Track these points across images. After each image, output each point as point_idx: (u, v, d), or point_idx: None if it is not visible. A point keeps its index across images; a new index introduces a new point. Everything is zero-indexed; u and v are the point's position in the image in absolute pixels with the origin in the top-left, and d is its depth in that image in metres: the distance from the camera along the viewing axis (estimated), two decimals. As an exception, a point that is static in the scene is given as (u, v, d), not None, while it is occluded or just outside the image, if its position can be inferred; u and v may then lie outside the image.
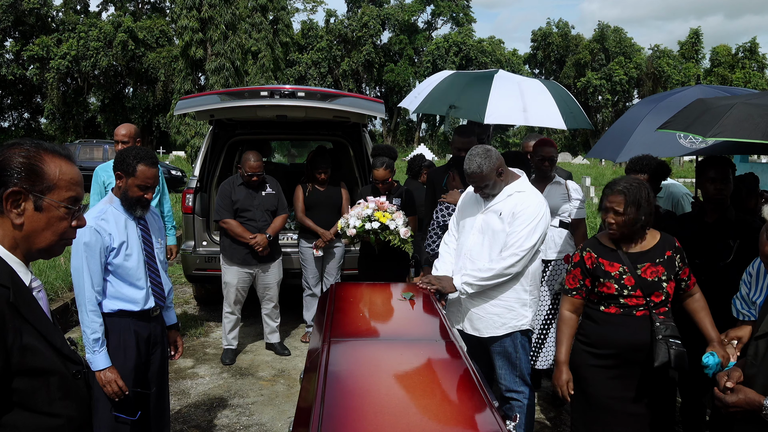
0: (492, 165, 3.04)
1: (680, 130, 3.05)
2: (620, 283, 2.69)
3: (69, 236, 1.51)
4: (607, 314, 2.73)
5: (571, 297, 2.84)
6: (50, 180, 1.44)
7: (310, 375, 2.35)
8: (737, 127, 2.69)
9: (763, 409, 1.87)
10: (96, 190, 4.71)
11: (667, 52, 51.33)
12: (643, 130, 3.88)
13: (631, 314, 2.69)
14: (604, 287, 2.71)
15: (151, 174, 2.81)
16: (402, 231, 4.42)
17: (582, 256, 2.80)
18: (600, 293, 2.74)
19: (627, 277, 2.69)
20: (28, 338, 1.33)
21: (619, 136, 4.10)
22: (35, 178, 1.42)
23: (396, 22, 48.80)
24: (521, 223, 3.05)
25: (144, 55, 39.95)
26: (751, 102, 2.85)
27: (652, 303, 2.68)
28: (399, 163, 7.13)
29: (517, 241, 3.04)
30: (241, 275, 5.03)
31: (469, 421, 1.95)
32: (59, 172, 1.45)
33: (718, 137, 2.75)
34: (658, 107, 3.98)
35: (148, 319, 2.89)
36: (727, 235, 3.25)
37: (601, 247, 2.78)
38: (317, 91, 5.38)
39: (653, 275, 2.69)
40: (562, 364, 2.79)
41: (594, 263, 2.75)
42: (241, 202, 4.97)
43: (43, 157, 1.44)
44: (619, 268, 2.70)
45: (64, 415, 1.40)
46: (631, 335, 2.68)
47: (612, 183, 2.77)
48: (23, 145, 1.44)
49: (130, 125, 4.82)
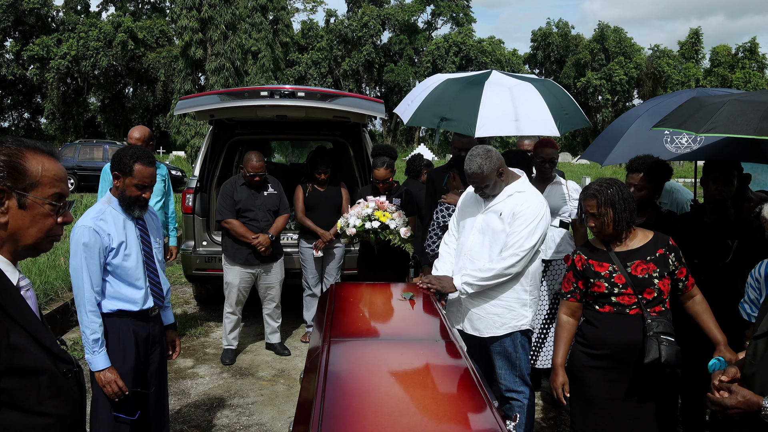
0: (493, 165, 3.05)
1: (674, 127, 3.06)
2: (610, 281, 2.72)
3: (56, 233, 1.51)
4: (601, 314, 2.75)
5: (566, 300, 2.88)
6: (33, 177, 1.43)
7: (310, 375, 2.35)
8: (729, 123, 2.70)
9: (762, 409, 1.87)
10: (105, 188, 4.69)
11: (667, 52, 51.34)
12: (632, 133, 3.89)
13: (624, 313, 2.70)
14: (595, 287, 2.75)
15: (148, 173, 2.80)
16: (402, 231, 4.42)
17: (573, 259, 2.86)
18: (593, 293, 2.77)
19: (617, 275, 2.71)
20: (15, 338, 1.33)
21: (609, 139, 4.12)
22: (17, 175, 1.41)
23: (396, 22, 48.80)
24: (521, 224, 3.05)
25: (144, 55, 39.97)
26: (743, 99, 2.87)
27: (644, 300, 2.69)
28: (399, 163, 7.15)
29: (517, 242, 3.04)
30: (243, 275, 5.03)
31: (469, 420, 1.95)
32: (42, 169, 1.45)
33: (711, 133, 2.77)
34: (651, 110, 3.99)
35: (146, 319, 2.89)
36: (726, 235, 3.25)
37: (590, 249, 2.83)
38: (317, 91, 5.38)
39: (644, 272, 2.70)
40: (558, 366, 2.81)
41: (584, 264, 2.79)
42: (243, 202, 4.97)
43: (24, 155, 1.43)
44: (608, 268, 2.73)
45: (55, 414, 1.40)
46: (624, 334, 2.68)
47: (585, 188, 2.84)
48: (4, 143, 1.43)
49: (144, 128, 4.83)
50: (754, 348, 2.00)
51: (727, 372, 2.05)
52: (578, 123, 4.38)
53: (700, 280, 3.02)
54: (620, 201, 2.70)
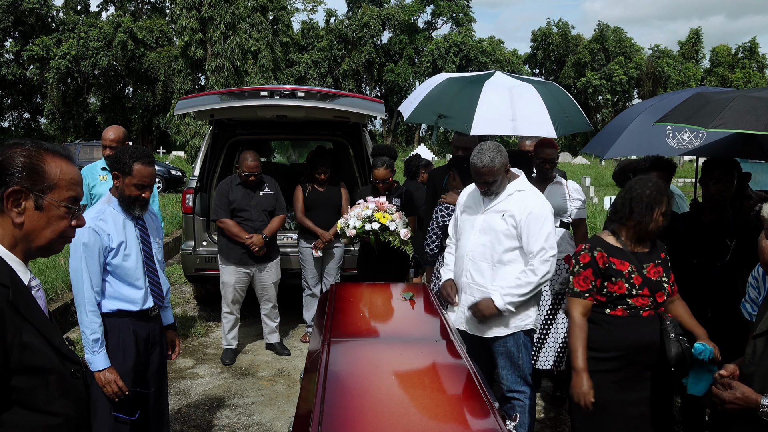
0: (504, 159, 3.06)
1: (679, 122, 3.05)
2: (630, 282, 2.68)
3: (68, 235, 1.53)
4: (613, 317, 2.70)
5: (583, 299, 2.73)
6: (51, 179, 1.45)
7: (310, 375, 2.35)
8: (739, 119, 2.69)
9: (760, 407, 1.87)
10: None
11: (667, 52, 51.29)
12: (635, 127, 3.87)
13: (638, 315, 2.69)
14: (615, 286, 2.68)
15: (148, 173, 2.81)
16: (402, 232, 4.41)
17: (593, 255, 2.72)
18: (610, 294, 2.70)
19: (635, 276, 2.68)
20: (27, 336, 1.34)
21: (611, 133, 4.10)
22: (36, 177, 1.43)
23: (396, 22, 48.75)
24: (536, 226, 3.04)
25: (144, 55, 39.93)
26: (751, 95, 2.85)
27: (655, 303, 2.70)
28: (398, 164, 7.12)
29: (543, 246, 3.03)
30: (238, 275, 5.03)
31: (469, 421, 1.95)
32: (60, 172, 1.47)
33: (720, 128, 2.74)
34: (654, 106, 3.98)
35: (146, 319, 2.89)
36: (725, 235, 3.25)
37: (609, 246, 2.75)
38: (317, 91, 5.38)
39: (656, 275, 2.71)
40: (582, 371, 2.66)
41: (606, 262, 2.71)
42: (238, 201, 4.97)
43: (44, 157, 1.45)
44: (628, 267, 2.69)
45: (63, 413, 1.41)
46: (639, 336, 2.67)
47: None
48: (24, 145, 1.45)
49: (119, 128, 4.70)
50: (753, 347, 2.00)
51: (726, 368, 2.06)
52: (579, 126, 4.37)
53: (698, 280, 3.03)
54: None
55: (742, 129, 2.69)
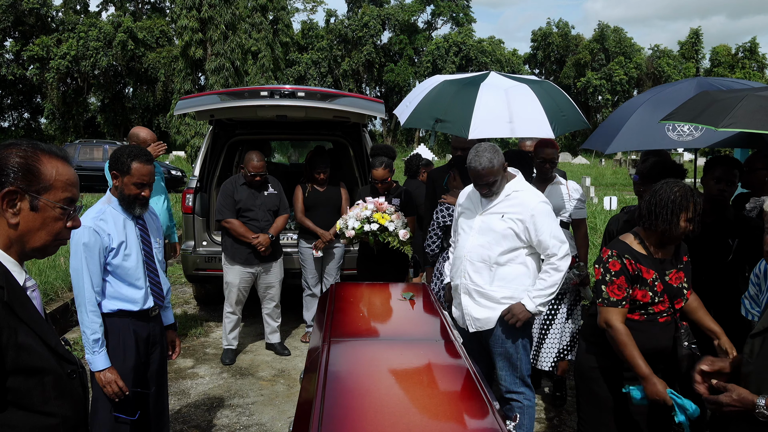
0: (501, 160, 3.07)
1: (686, 121, 3.04)
2: (653, 290, 2.62)
3: (63, 237, 1.52)
4: (629, 320, 2.64)
5: (620, 308, 2.60)
6: (47, 180, 1.44)
7: (310, 375, 2.35)
8: (750, 119, 2.67)
9: (756, 407, 1.87)
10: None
11: (667, 52, 51.31)
12: (635, 121, 3.86)
13: (654, 320, 2.66)
14: (639, 294, 2.61)
15: (146, 171, 2.81)
16: (401, 233, 4.41)
17: (623, 263, 2.61)
18: (633, 300, 2.63)
19: (658, 283, 2.63)
20: (23, 337, 1.34)
21: (611, 128, 4.08)
22: (32, 178, 1.42)
23: (396, 22, 48.75)
24: (543, 226, 3.07)
25: (144, 55, 39.92)
26: (760, 94, 2.84)
27: (673, 309, 2.67)
28: (398, 164, 7.12)
29: (554, 244, 3.08)
30: (243, 275, 5.04)
31: (469, 421, 1.95)
32: (56, 173, 1.46)
33: (731, 128, 2.73)
34: (653, 99, 3.97)
35: (147, 319, 2.89)
36: (727, 234, 3.24)
37: (636, 253, 2.65)
38: (317, 91, 5.38)
39: (678, 281, 2.66)
40: (651, 376, 2.53)
41: (635, 270, 2.61)
42: (243, 201, 4.97)
43: (40, 158, 1.45)
44: (652, 275, 2.62)
45: (59, 414, 1.41)
46: (652, 340, 2.64)
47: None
48: (20, 146, 1.44)
49: (150, 131, 4.79)
50: (751, 346, 2.00)
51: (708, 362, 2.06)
52: (576, 125, 4.37)
53: (701, 280, 3.02)
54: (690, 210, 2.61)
55: (754, 129, 2.67)
